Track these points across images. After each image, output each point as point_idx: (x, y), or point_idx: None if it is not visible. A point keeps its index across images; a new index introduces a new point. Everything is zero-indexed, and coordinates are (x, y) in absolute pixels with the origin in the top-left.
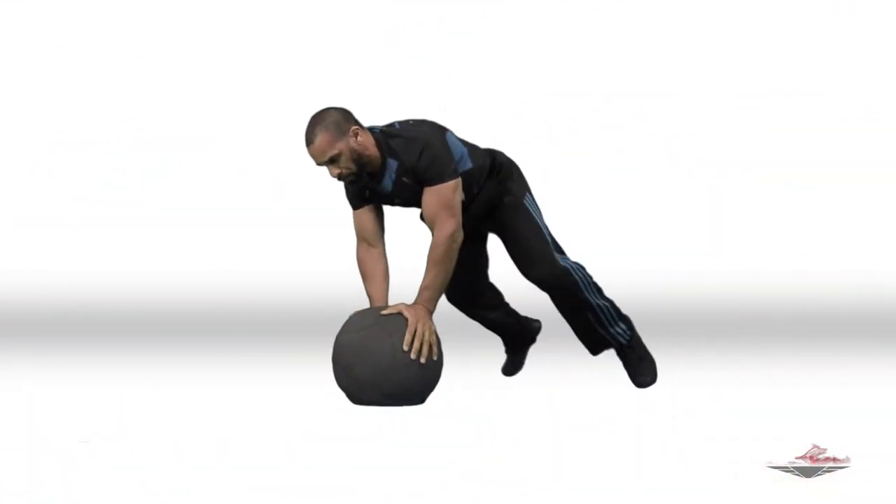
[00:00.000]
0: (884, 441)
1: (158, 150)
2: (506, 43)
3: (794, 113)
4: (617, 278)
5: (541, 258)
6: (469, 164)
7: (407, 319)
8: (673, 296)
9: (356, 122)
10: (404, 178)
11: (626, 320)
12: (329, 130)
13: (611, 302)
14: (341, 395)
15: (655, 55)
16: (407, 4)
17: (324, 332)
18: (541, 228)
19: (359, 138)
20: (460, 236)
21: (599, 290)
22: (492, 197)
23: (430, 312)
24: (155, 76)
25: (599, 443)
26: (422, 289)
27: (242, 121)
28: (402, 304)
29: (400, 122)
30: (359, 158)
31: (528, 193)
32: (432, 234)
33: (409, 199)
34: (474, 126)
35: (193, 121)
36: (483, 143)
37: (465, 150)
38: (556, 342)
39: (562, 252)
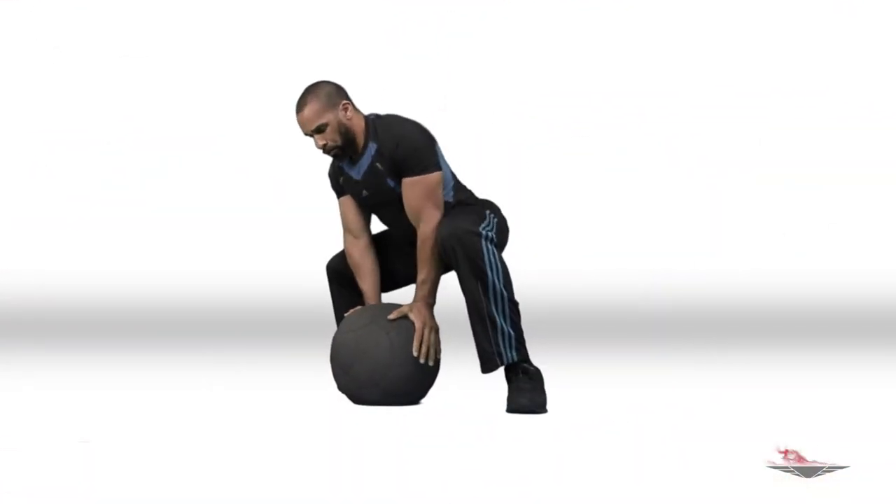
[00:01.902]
0: (884, 441)
1: (158, 150)
2: (506, 43)
3: (794, 113)
4: (617, 278)
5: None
6: (450, 197)
7: (411, 320)
8: (673, 296)
9: (348, 99)
10: (378, 164)
11: (532, 367)
12: (320, 100)
13: (521, 333)
14: (341, 396)
15: (655, 55)
16: (407, 4)
17: (323, 332)
18: (486, 264)
19: (348, 113)
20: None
21: (515, 318)
22: None
23: (432, 306)
24: (155, 76)
25: (599, 443)
26: (420, 283)
27: (242, 121)
28: (406, 305)
29: (396, 115)
30: (346, 133)
31: (490, 216)
32: (418, 228)
33: (377, 190)
34: (474, 126)
35: (193, 121)
36: (483, 145)
37: (452, 180)
38: (557, 344)
39: (505, 279)
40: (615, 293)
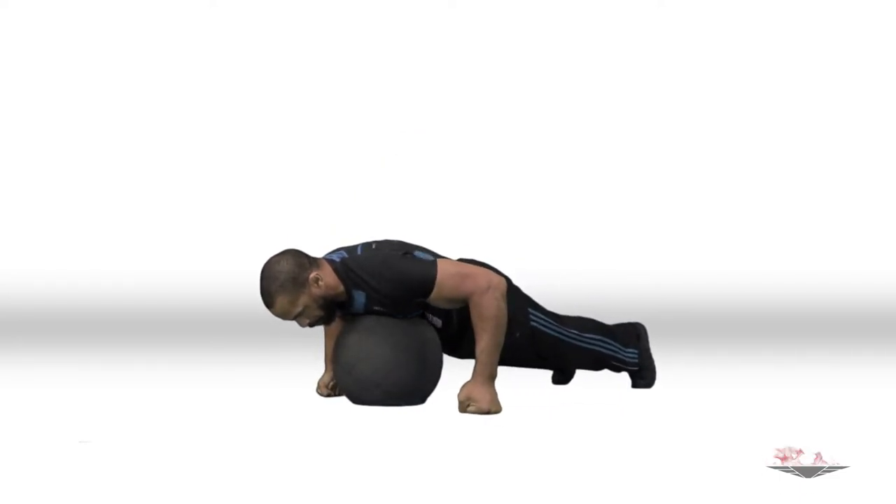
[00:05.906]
0: (884, 441)
1: (158, 150)
2: (504, 42)
3: (793, 113)
4: (617, 279)
5: (582, 365)
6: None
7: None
8: (673, 296)
9: (311, 264)
10: (376, 307)
11: (635, 341)
12: (286, 290)
13: (619, 331)
14: (341, 395)
15: (655, 55)
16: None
17: (323, 332)
18: (571, 345)
19: (320, 283)
20: (496, 281)
21: (610, 333)
22: None
23: (492, 377)
24: (154, 76)
25: (600, 443)
26: (477, 353)
27: (241, 121)
28: (465, 388)
29: (363, 246)
30: (324, 302)
31: (527, 308)
32: (469, 304)
33: (387, 313)
34: (474, 126)
35: (193, 121)
36: (483, 147)
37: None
38: None
39: (579, 329)
40: (615, 293)
